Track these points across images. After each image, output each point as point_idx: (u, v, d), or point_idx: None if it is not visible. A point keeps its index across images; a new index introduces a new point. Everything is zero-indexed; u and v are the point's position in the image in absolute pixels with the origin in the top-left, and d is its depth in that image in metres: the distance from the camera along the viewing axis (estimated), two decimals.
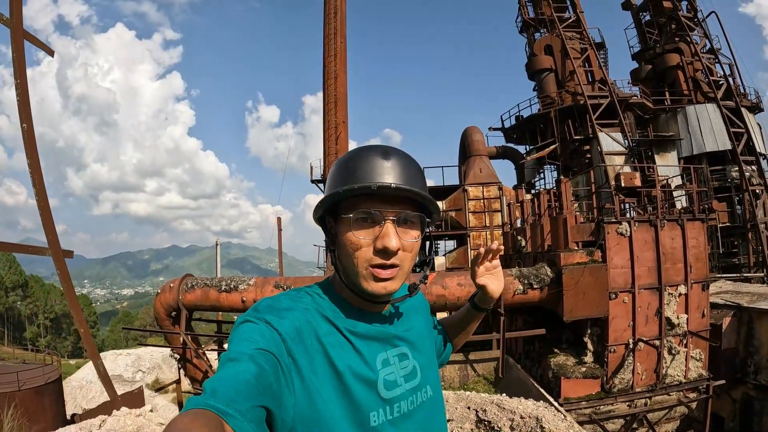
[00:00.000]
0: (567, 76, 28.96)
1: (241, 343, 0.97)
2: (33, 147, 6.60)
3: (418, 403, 1.25)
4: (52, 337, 65.08)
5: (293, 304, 1.13)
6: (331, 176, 1.17)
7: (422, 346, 1.36)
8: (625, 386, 12.03)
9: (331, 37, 25.18)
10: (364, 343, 1.17)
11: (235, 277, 13.42)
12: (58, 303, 66.72)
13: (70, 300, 7.63)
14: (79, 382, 19.42)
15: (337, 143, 24.23)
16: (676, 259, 12.49)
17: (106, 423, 6.14)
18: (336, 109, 24.42)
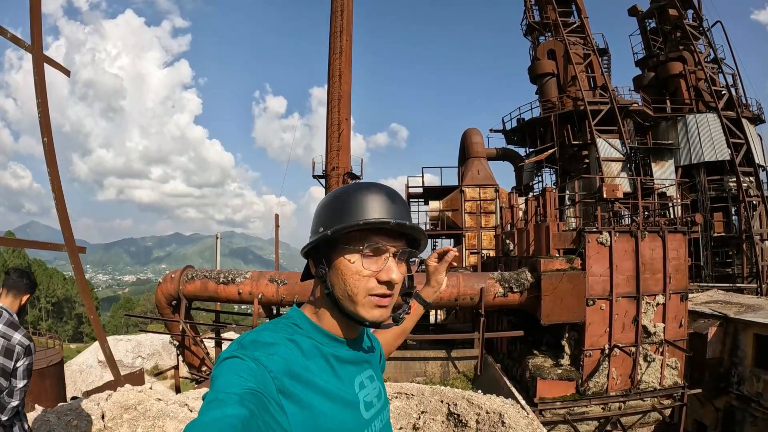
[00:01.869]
0: (569, 81, 29.16)
1: (229, 382, 0.94)
2: (53, 158, 7.18)
3: (384, 422, 1.32)
4: (53, 321, 65.83)
5: (276, 337, 1.13)
6: (332, 207, 1.21)
7: (377, 366, 1.43)
8: (600, 390, 12.40)
9: (337, 35, 25.48)
10: (343, 367, 1.21)
11: (233, 270, 13.97)
12: (60, 288, 67.41)
13: (83, 290, 8.19)
14: (79, 366, 19.92)
15: (340, 140, 24.64)
16: (656, 269, 12.81)
17: (112, 396, 6.77)
18: (339, 107, 24.76)
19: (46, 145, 7.19)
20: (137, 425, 6.24)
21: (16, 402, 3.63)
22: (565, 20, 30.16)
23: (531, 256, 13.73)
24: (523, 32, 33.58)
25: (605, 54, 31.05)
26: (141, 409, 6.57)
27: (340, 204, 1.20)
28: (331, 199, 1.23)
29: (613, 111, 25.99)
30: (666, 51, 30.89)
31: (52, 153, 7.32)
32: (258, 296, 12.95)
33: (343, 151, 24.46)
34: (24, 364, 3.68)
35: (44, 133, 7.17)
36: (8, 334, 3.62)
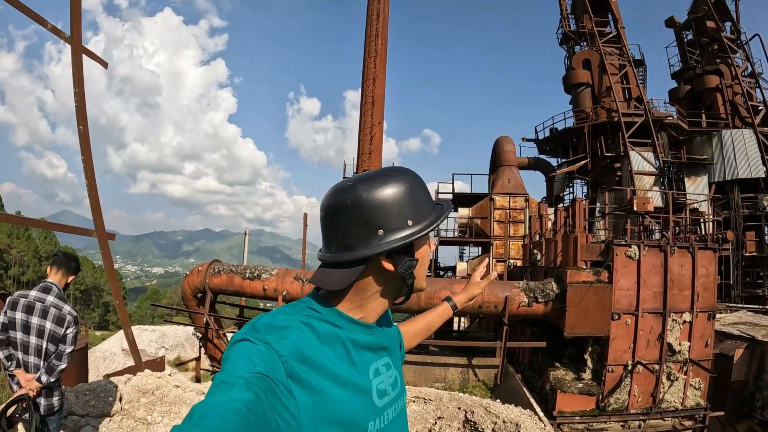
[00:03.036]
0: (603, 91, 28.86)
1: (238, 365, 0.95)
2: (87, 146, 7.41)
3: (398, 411, 1.31)
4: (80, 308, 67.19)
5: (291, 320, 1.12)
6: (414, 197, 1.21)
7: (396, 353, 1.43)
8: (620, 406, 12.20)
9: (372, 39, 25.57)
10: (360, 353, 1.21)
11: (259, 266, 14.13)
12: (89, 276, 68.87)
13: (110, 275, 8.44)
14: (103, 353, 20.25)
15: (372, 143, 24.71)
16: (684, 286, 12.56)
17: (131, 380, 6.95)
18: (373, 110, 24.83)
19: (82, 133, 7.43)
20: (153, 409, 6.39)
21: (63, 365, 4.09)
22: (602, 30, 29.89)
23: (558, 266, 13.61)
24: (559, 41, 33.33)
25: (641, 65, 30.65)
26: (158, 394, 6.73)
27: (418, 195, 1.22)
28: (408, 189, 1.20)
29: (648, 124, 25.66)
30: (703, 64, 30.44)
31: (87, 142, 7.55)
32: (283, 293, 13.07)
33: (375, 155, 24.55)
34: (72, 331, 4.17)
35: (80, 121, 7.41)
36: (59, 305, 4.13)
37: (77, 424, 5.74)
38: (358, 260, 1.17)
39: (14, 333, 4.01)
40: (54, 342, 4.07)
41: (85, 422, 5.81)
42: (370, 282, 1.22)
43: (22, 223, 55.74)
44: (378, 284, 1.23)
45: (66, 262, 4.35)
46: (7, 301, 4.07)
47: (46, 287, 4.17)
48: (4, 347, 4.02)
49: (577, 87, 30.30)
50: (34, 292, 4.12)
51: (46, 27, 6.67)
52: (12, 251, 65.89)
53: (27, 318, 4.01)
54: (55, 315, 4.07)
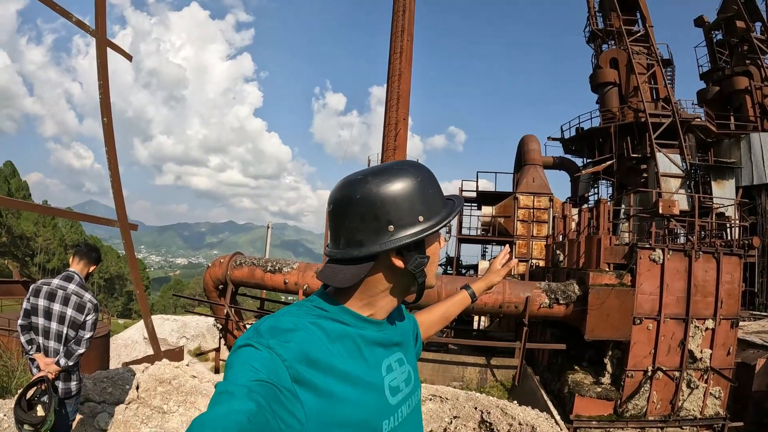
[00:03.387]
0: (630, 91, 28.47)
1: (240, 373, 0.94)
2: (111, 139, 7.53)
3: (413, 407, 1.30)
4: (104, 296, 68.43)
5: (297, 321, 1.09)
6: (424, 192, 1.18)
7: (410, 347, 1.42)
8: (638, 413, 12.05)
9: (398, 35, 25.49)
10: (371, 350, 1.19)
11: (280, 260, 14.24)
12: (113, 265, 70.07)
13: (132, 264, 8.59)
14: (125, 340, 20.56)
15: (396, 140, 24.68)
16: (707, 292, 12.33)
17: (149, 369, 7.07)
18: (398, 106, 24.77)
19: (106, 125, 7.57)
20: (170, 398, 6.49)
21: (82, 350, 4.24)
22: (629, 29, 29.46)
23: (580, 268, 13.48)
24: (586, 39, 32.93)
25: (669, 65, 30.16)
26: (175, 383, 6.83)
27: (429, 189, 1.19)
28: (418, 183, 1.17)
29: (675, 125, 25.27)
30: (732, 65, 29.88)
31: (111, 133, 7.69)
32: (303, 287, 13.16)
33: (400, 151, 24.52)
34: (92, 318, 4.33)
35: (104, 113, 7.55)
36: (80, 292, 4.29)
37: (93, 411, 5.86)
38: (368, 257, 1.14)
39: (36, 319, 4.17)
40: (74, 328, 4.23)
41: (101, 409, 5.93)
42: (379, 279, 1.20)
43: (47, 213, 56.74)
44: (387, 281, 1.21)
45: (88, 253, 4.51)
46: (31, 288, 4.24)
47: (69, 276, 4.33)
48: (26, 332, 4.19)
49: (604, 86, 29.92)
50: (56, 280, 4.28)
51: (71, 20, 6.81)
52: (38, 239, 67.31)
53: (49, 304, 4.16)
54: (76, 302, 4.23)
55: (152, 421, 6.00)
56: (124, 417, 5.92)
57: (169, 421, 6.06)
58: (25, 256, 67.42)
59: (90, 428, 5.62)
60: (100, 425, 5.66)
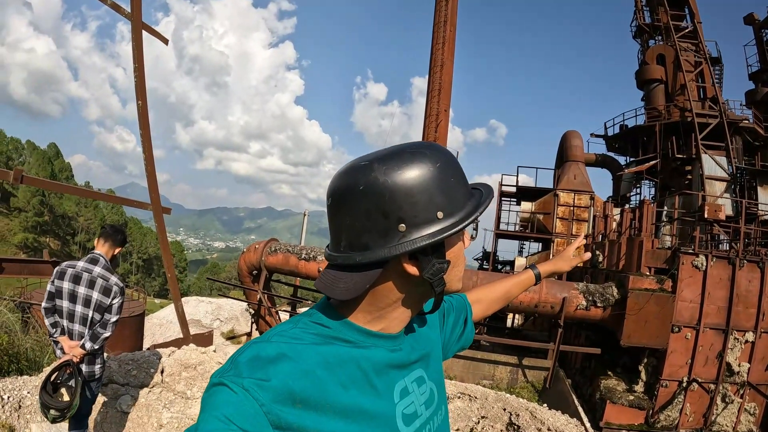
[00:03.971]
0: (677, 89, 27.60)
1: (210, 422, 0.82)
2: (146, 122, 7.63)
3: (435, 429, 1.14)
4: (142, 276, 70.11)
5: (286, 348, 0.92)
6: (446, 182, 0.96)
7: (434, 358, 1.22)
8: (670, 424, 11.78)
9: (441, 25, 25.23)
10: (381, 373, 1.01)
11: (315, 248, 14.32)
12: (152, 246, 71.63)
13: (163, 247, 8.72)
14: (159, 320, 21.05)
15: (437, 131, 24.52)
16: (750, 303, 11.94)
17: (175, 353, 7.16)
18: (439, 97, 24.56)
19: (141, 108, 7.67)
20: (194, 384, 6.55)
21: (108, 333, 4.24)
22: (677, 24, 28.50)
23: (620, 270, 13.21)
24: (633, 34, 32.04)
25: (717, 64, 29.10)
26: (200, 369, 6.90)
27: (451, 178, 0.98)
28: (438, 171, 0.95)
29: (722, 126, 24.43)
30: None
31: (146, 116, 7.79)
32: None
33: (440, 142, 24.38)
34: (118, 301, 4.31)
35: (139, 96, 7.65)
36: (106, 275, 4.27)
37: (117, 393, 5.95)
38: (374, 263, 0.94)
39: (60, 301, 4.17)
40: (100, 311, 4.23)
41: (124, 391, 6.02)
42: (389, 289, 0.99)
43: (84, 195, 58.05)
44: (399, 291, 1.00)
45: (113, 235, 4.49)
46: (55, 270, 4.24)
47: (94, 258, 4.31)
48: (51, 315, 4.21)
49: (650, 83, 29.08)
50: (81, 262, 4.27)
51: (106, 3, 6.91)
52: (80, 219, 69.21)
53: (74, 287, 4.16)
54: (102, 285, 4.21)
55: (175, 406, 6.07)
56: (146, 400, 6.00)
57: (192, 407, 6.12)
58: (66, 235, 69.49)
59: (112, 410, 5.72)
60: (122, 407, 5.75)
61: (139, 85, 7.62)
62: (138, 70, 7.57)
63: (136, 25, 7.46)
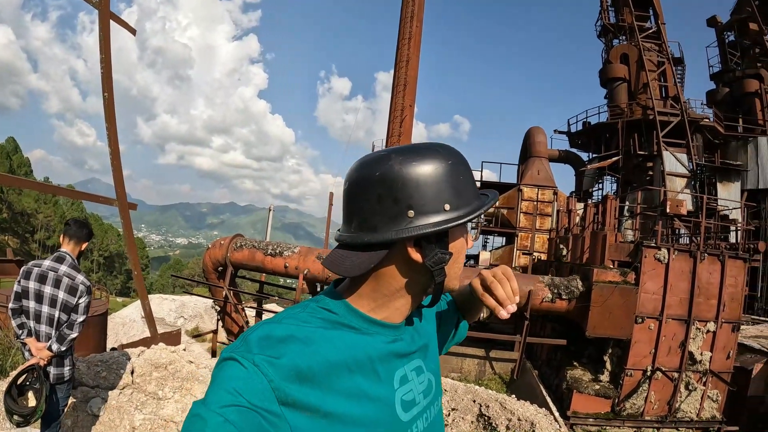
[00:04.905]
0: (640, 88, 28.22)
1: (219, 395, 0.84)
2: (112, 114, 7.40)
3: (431, 420, 1.17)
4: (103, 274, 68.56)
5: (295, 329, 0.96)
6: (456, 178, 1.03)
7: (432, 351, 1.26)
8: (635, 412, 12.05)
9: (407, 20, 25.26)
10: (383, 360, 1.05)
11: (281, 243, 14.15)
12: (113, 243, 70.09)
13: (130, 245, 8.49)
14: (122, 319, 20.57)
15: (402, 126, 24.53)
16: (711, 294, 12.27)
17: (145, 353, 6.97)
18: (404, 93, 24.60)
19: (107, 100, 7.43)
20: (165, 384, 6.39)
21: (75, 334, 4.10)
22: (642, 25, 29.18)
23: (584, 264, 13.39)
24: (597, 33, 32.68)
25: (680, 64, 29.84)
26: (171, 369, 6.73)
27: (461, 176, 1.04)
28: (450, 167, 1.02)
29: (683, 124, 25.09)
30: (743, 67, 29.65)
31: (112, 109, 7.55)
32: (304, 272, 13.09)
33: (405, 138, 24.37)
34: (85, 301, 4.19)
35: (105, 88, 7.41)
36: (73, 274, 4.14)
37: (87, 395, 5.76)
38: (381, 243, 0.99)
39: (27, 302, 4.03)
40: (66, 311, 4.09)
41: (94, 393, 5.84)
42: (393, 275, 1.04)
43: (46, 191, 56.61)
44: (402, 278, 1.05)
45: (77, 231, 4.35)
46: (22, 270, 4.11)
47: (60, 257, 4.19)
48: (17, 316, 4.06)
49: (613, 81, 29.67)
50: (47, 261, 4.14)
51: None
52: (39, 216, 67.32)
53: (40, 287, 4.02)
54: (68, 284, 4.08)
55: (147, 408, 5.90)
56: (117, 402, 5.83)
57: (164, 408, 5.96)
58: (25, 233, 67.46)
59: (82, 413, 5.54)
60: (93, 410, 5.58)
61: (106, 76, 7.37)
62: (105, 61, 7.32)
63: (103, 15, 7.21)
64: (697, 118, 26.25)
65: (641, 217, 18.60)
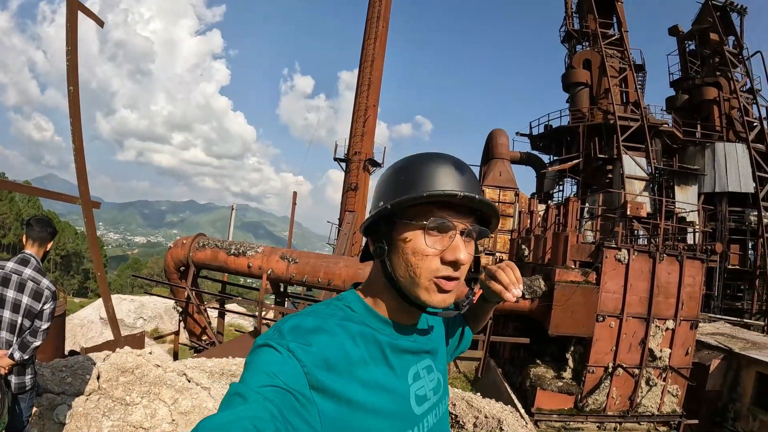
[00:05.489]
0: (601, 93, 28.79)
1: (257, 376, 0.90)
2: (77, 108, 7.15)
3: (439, 417, 1.23)
4: (60, 274, 66.59)
5: (322, 322, 1.03)
6: (395, 179, 1.09)
7: (440, 353, 1.33)
8: (598, 408, 12.30)
9: (374, 21, 25.30)
10: (398, 357, 1.11)
11: (244, 243, 13.94)
12: (70, 242, 68.15)
13: (92, 244, 8.19)
14: (81, 320, 20.01)
15: (365, 126, 24.52)
16: (669, 293, 12.63)
17: (110, 357, 6.73)
18: (368, 92, 24.61)
19: (72, 94, 7.15)
20: (132, 389, 6.17)
21: (38, 342, 3.83)
22: (605, 32, 29.74)
23: (546, 264, 13.57)
24: (561, 39, 33.21)
25: (641, 70, 30.57)
26: (138, 373, 6.51)
27: (403, 175, 1.08)
28: (393, 171, 1.12)
29: (643, 129, 25.64)
30: (702, 75, 30.41)
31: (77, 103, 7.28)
32: (267, 272, 12.91)
33: (368, 137, 24.34)
34: (50, 307, 3.91)
35: (71, 82, 7.13)
36: (38, 278, 3.86)
37: (53, 402, 5.53)
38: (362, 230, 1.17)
39: None
40: (30, 317, 3.83)
41: (60, 400, 5.60)
42: (375, 271, 1.16)
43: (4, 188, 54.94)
44: (379, 272, 1.14)
45: (41, 231, 4.07)
46: None
47: (24, 259, 3.91)
48: None
49: (575, 86, 30.18)
50: (10, 263, 3.85)
51: None
52: None
53: (2, 291, 3.76)
54: (32, 289, 3.82)
55: (114, 414, 5.68)
56: (84, 409, 5.59)
57: (133, 414, 5.75)
58: None
59: (49, 422, 5.30)
60: (60, 418, 5.35)
61: (71, 69, 7.08)
62: (71, 53, 7.04)
63: (71, 5, 6.94)
64: (656, 124, 26.88)
65: (602, 218, 18.95)
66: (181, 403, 6.10)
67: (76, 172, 7.39)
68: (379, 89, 24.86)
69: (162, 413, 5.86)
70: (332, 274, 12.36)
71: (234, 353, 9.54)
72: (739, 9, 30.51)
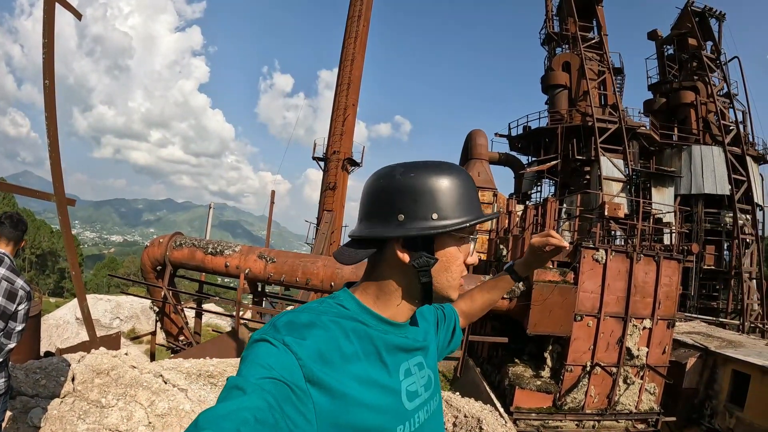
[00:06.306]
0: (580, 95, 29.04)
1: (254, 369, 0.92)
2: (52, 103, 6.98)
3: (431, 412, 1.26)
4: (35, 273, 65.35)
5: (316, 318, 1.07)
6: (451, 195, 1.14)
7: (431, 351, 1.37)
8: (576, 406, 12.39)
9: (354, 20, 25.25)
10: (390, 352, 1.16)
11: (222, 242, 13.79)
12: (45, 240, 66.89)
13: (68, 243, 8.00)
14: (56, 320, 19.66)
15: (344, 125, 24.46)
16: (647, 293, 12.78)
17: (85, 359, 6.56)
18: (348, 92, 24.56)
19: (47, 88, 6.97)
20: (108, 391, 6.03)
21: (12, 344, 3.66)
22: (585, 35, 30.02)
23: None
24: (541, 41, 33.47)
25: (620, 74, 30.91)
26: (114, 375, 6.37)
27: (459, 191, 1.14)
28: (442, 183, 1.13)
29: (621, 131, 25.90)
30: (680, 79, 30.85)
31: (53, 98, 7.09)
32: (245, 271, 12.78)
33: (347, 137, 24.28)
34: (24, 308, 3.74)
35: (47, 76, 6.95)
36: (12, 278, 3.68)
37: (26, 405, 5.37)
38: (373, 240, 1.15)
39: None
40: (3, 319, 3.62)
41: (35, 403, 5.45)
42: (390, 275, 1.18)
43: None
44: (397, 278, 1.17)
45: (13, 228, 3.88)
46: None
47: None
48: None
49: (554, 88, 30.40)
50: None
51: None
52: None
53: None
54: (6, 289, 3.62)
55: (90, 417, 5.54)
56: (59, 412, 5.44)
57: (108, 416, 5.60)
58: None
59: (23, 425, 5.14)
60: (34, 422, 5.19)
61: (48, 62, 6.90)
62: (47, 46, 6.87)
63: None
64: (634, 126, 27.18)
65: (579, 219, 19.10)
66: (158, 405, 5.98)
67: (51, 168, 7.22)
68: (358, 88, 24.82)
69: (138, 415, 5.74)
70: (310, 273, 12.27)
71: (211, 354, 9.42)
72: (718, 15, 31.02)
